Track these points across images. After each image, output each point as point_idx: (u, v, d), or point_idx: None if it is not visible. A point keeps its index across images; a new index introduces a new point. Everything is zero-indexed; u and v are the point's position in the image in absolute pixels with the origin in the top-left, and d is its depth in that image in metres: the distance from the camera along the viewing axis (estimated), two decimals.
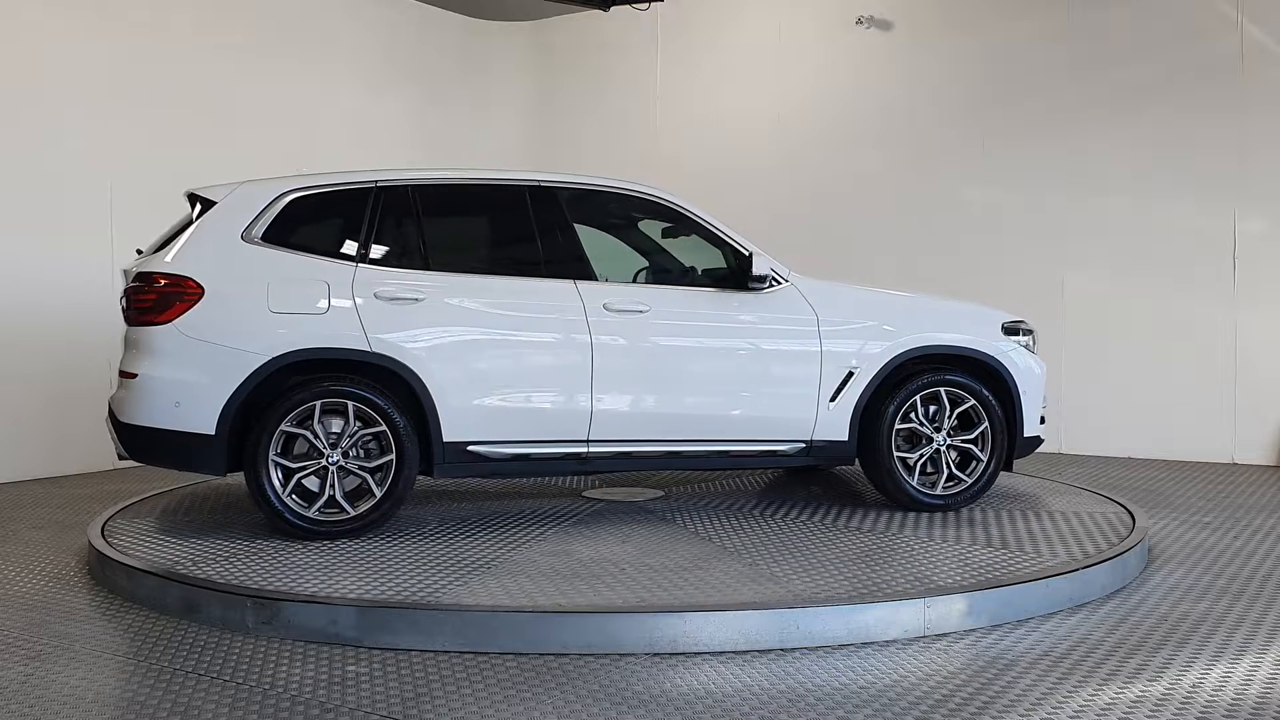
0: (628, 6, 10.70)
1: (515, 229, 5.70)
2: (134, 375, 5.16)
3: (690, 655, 3.90)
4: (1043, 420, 6.03)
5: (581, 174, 5.94)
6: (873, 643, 4.03)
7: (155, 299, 5.13)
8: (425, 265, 5.38)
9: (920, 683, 3.61)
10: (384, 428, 5.12)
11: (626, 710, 3.38)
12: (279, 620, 4.19)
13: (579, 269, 5.50)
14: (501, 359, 5.32)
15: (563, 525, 5.48)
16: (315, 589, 4.31)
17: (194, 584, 4.46)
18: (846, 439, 5.66)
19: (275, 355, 5.05)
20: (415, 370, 5.16)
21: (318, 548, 4.99)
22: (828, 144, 9.94)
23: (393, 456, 5.13)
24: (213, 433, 5.04)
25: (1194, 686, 3.56)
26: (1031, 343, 6.06)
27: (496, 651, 3.93)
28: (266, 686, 3.64)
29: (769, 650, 3.94)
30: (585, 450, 5.42)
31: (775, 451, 5.64)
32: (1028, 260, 9.00)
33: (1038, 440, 6.02)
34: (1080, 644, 4.01)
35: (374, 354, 5.12)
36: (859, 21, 9.67)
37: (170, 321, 5.08)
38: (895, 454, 5.69)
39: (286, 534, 5.12)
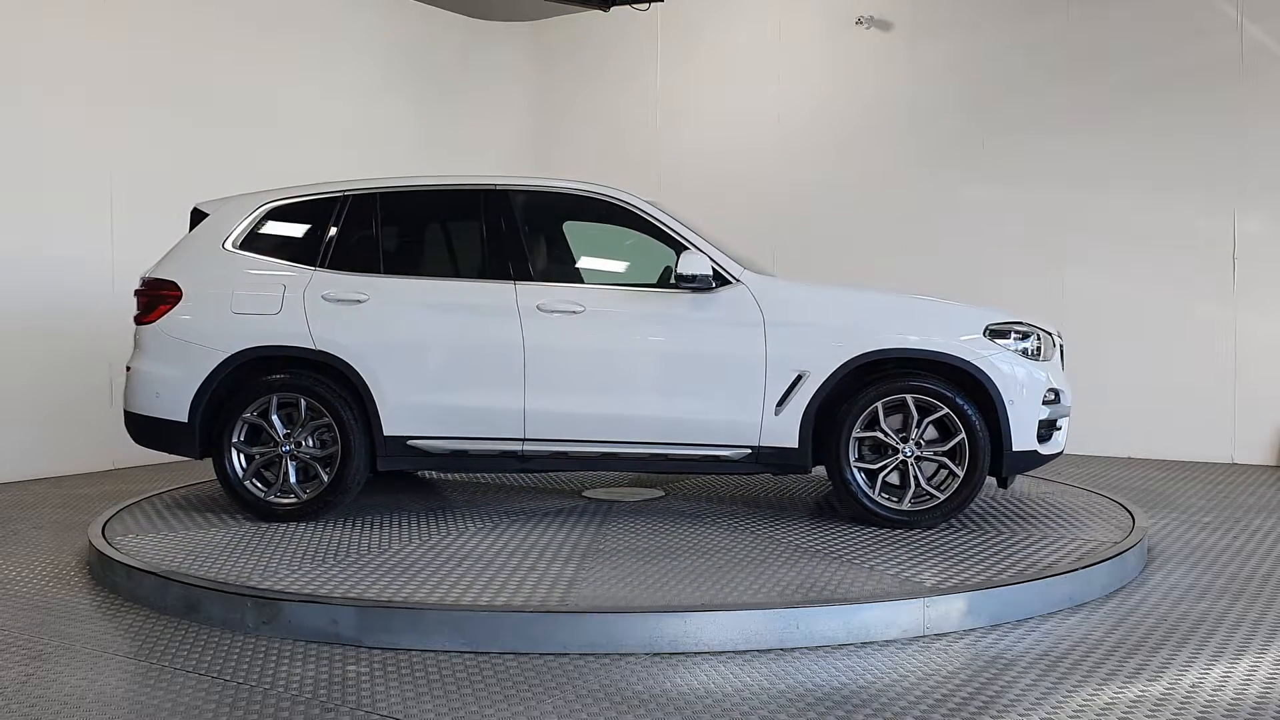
0: (628, 6, 10.70)
1: (465, 232, 5.91)
2: (129, 369, 5.87)
3: (690, 655, 3.90)
4: (1049, 435, 5.42)
5: (537, 176, 6.07)
6: (872, 642, 4.03)
7: (148, 301, 5.82)
8: (378, 269, 5.70)
9: (920, 682, 3.62)
10: (330, 420, 5.52)
11: (626, 710, 3.38)
12: (279, 620, 4.19)
13: (521, 270, 5.57)
14: (437, 357, 5.51)
15: (499, 522, 5.53)
16: (315, 589, 4.32)
17: (194, 583, 4.46)
18: (797, 446, 5.32)
19: (234, 351, 5.58)
20: (355, 367, 5.51)
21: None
22: (828, 144, 9.94)
23: (338, 448, 5.52)
24: (185, 420, 5.63)
25: (1193, 686, 3.56)
26: (1034, 348, 5.42)
27: (496, 651, 3.93)
28: (267, 686, 3.64)
29: (769, 650, 3.95)
30: (521, 448, 5.48)
31: (719, 457, 5.39)
32: (1028, 260, 9.00)
33: (1035, 456, 5.38)
34: (1079, 644, 4.01)
35: (317, 351, 5.53)
36: (859, 21, 9.67)
37: (155, 321, 5.76)
38: (853, 464, 5.31)
39: (253, 515, 5.61)
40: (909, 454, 5.30)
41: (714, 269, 5.39)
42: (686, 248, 5.44)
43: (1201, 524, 6.14)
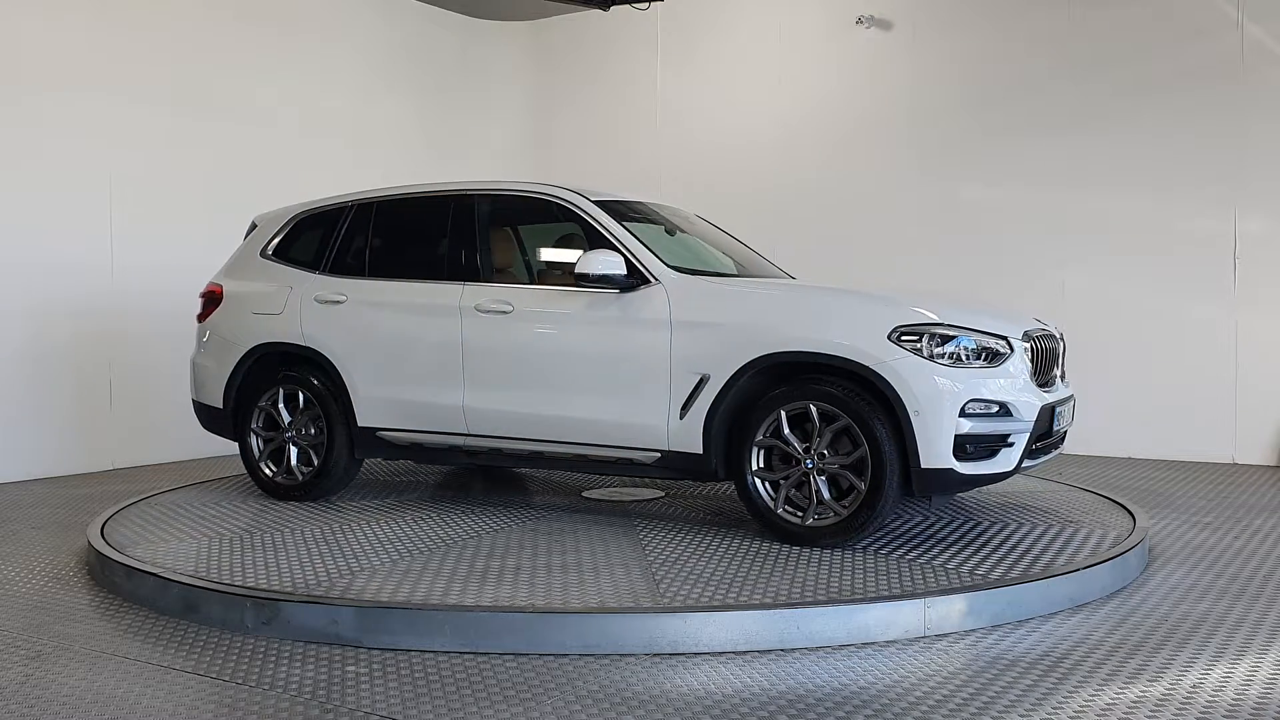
0: (628, 6, 10.69)
1: (434, 235, 6.12)
2: (192, 362, 6.66)
3: (690, 655, 3.90)
4: (987, 452, 4.80)
5: (496, 180, 6.26)
6: (873, 643, 4.03)
7: (204, 302, 6.62)
8: (365, 272, 6.14)
9: (920, 683, 3.61)
10: (320, 410, 6.05)
11: (626, 711, 3.38)
12: (279, 620, 4.19)
13: (470, 271, 5.79)
14: (396, 355, 5.86)
15: (450, 512, 5.60)
16: (315, 589, 4.31)
17: (194, 583, 4.46)
18: (701, 452, 5.09)
19: (251, 347, 6.26)
20: (333, 362, 6.02)
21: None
22: (828, 144, 9.93)
23: (324, 436, 6.06)
24: (221, 406, 6.37)
25: (1194, 687, 3.56)
26: (968, 352, 4.81)
27: (496, 651, 3.93)
28: (266, 686, 3.64)
29: (769, 650, 3.94)
30: (464, 444, 5.71)
31: (632, 460, 5.27)
32: (1028, 260, 8.99)
33: (950, 475, 4.74)
34: (1080, 644, 4.01)
35: (304, 347, 6.11)
36: (859, 21, 9.67)
37: (206, 320, 6.55)
38: (753, 474, 5.02)
39: (264, 493, 6.28)
40: (809, 465, 4.92)
41: (631, 268, 5.27)
42: (615, 245, 5.36)
43: (1202, 524, 6.14)
